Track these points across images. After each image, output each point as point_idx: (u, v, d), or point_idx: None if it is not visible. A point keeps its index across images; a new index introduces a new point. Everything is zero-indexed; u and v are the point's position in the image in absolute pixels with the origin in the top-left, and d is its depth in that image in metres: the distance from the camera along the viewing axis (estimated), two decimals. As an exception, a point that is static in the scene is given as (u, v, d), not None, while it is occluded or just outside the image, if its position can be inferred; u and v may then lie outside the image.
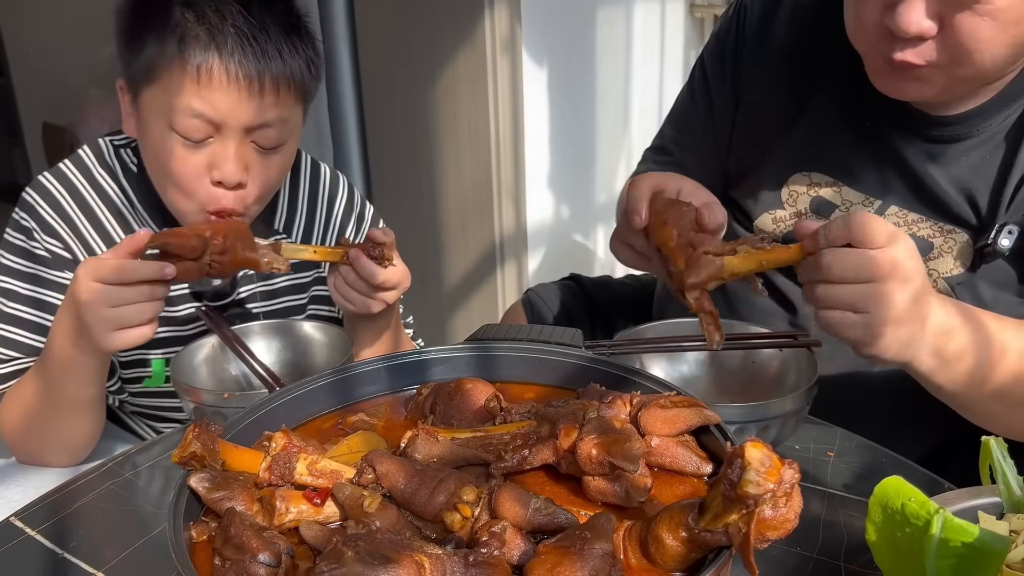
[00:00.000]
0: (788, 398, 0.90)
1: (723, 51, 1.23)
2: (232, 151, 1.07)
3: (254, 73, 1.05)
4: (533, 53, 2.25)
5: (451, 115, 2.38)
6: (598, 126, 2.47)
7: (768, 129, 1.17)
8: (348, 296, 1.11)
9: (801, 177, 1.15)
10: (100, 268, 0.98)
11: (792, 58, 1.15)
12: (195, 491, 0.67)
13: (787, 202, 1.16)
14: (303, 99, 1.14)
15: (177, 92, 1.05)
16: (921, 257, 0.85)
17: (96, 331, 0.99)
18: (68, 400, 1.08)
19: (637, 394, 0.76)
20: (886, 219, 1.07)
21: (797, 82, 1.15)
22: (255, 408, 0.80)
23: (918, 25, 0.90)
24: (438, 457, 0.73)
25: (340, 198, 1.33)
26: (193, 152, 1.08)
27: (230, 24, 1.05)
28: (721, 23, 1.27)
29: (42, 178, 1.18)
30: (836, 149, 1.12)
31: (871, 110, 1.08)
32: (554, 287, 1.46)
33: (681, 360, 1.04)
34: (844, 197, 1.12)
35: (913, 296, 0.82)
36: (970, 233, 1.04)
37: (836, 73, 1.09)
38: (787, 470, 0.56)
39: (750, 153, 1.19)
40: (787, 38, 1.16)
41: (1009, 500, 0.71)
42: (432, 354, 0.89)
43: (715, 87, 1.25)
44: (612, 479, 0.68)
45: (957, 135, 1.04)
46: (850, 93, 1.08)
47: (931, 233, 1.06)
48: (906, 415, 1.08)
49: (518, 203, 2.37)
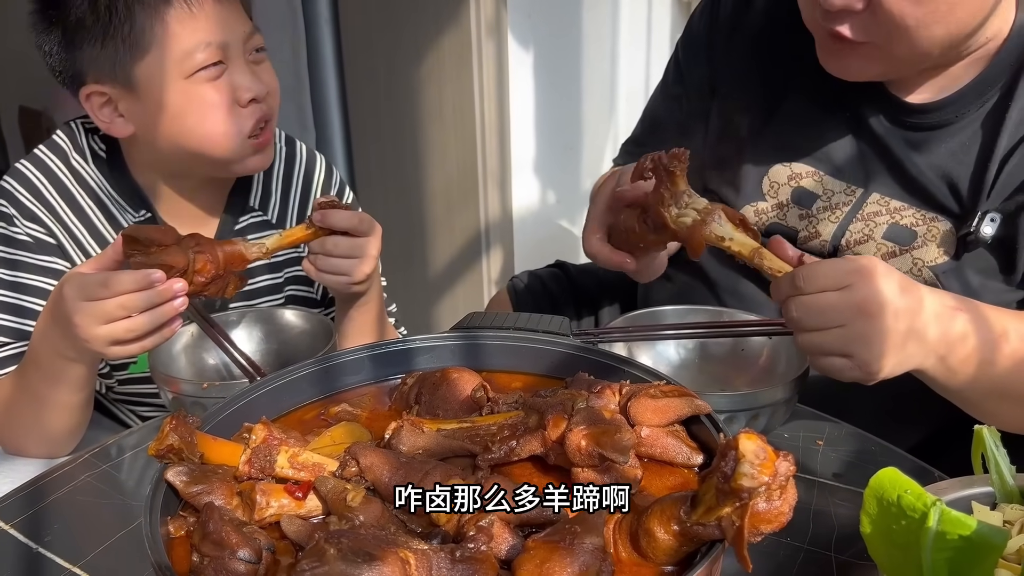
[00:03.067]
0: (778, 387, 0.89)
1: (697, 42, 1.23)
2: (245, 67, 1.11)
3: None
4: (519, 36, 2.23)
5: (436, 99, 2.35)
6: (584, 111, 2.46)
7: (746, 120, 1.16)
8: (331, 269, 1.08)
9: (781, 168, 1.13)
10: (86, 285, 0.94)
11: (768, 49, 1.15)
12: (172, 485, 0.65)
13: (768, 193, 1.14)
14: None
15: (175, 39, 1.06)
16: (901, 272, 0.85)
17: (94, 347, 0.95)
18: (56, 404, 1.06)
19: (626, 383, 0.75)
20: (869, 206, 1.08)
21: (774, 73, 1.14)
22: (235, 399, 0.78)
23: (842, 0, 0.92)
24: (423, 449, 0.71)
25: (317, 175, 1.31)
26: (217, 90, 1.09)
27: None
28: (693, 16, 1.26)
29: (19, 165, 1.17)
30: (816, 138, 1.11)
31: (850, 99, 1.08)
32: (540, 274, 1.46)
33: (669, 348, 1.03)
34: (825, 187, 1.11)
35: (891, 324, 0.82)
36: (952, 221, 1.03)
37: (813, 63, 1.08)
38: (782, 462, 0.54)
39: (728, 145, 1.18)
40: (762, 29, 1.16)
41: (1002, 490, 0.70)
42: (417, 343, 0.88)
43: (690, 78, 1.24)
44: (602, 471, 0.66)
45: (936, 122, 1.04)
46: (828, 82, 1.08)
47: (914, 221, 1.06)
48: (897, 404, 1.08)
49: (504, 189, 2.36)
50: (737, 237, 0.87)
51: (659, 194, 0.90)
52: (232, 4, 1.11)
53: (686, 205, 0.89)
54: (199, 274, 0.96)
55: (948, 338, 0.86)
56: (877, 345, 0.82)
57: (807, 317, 0.84)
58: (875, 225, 1.07)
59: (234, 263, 1.00)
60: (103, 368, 1.20)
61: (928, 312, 0.85)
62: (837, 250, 1.10)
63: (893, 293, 0.82)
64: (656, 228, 0.92)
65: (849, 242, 1.09)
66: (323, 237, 1.05)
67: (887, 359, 0.83)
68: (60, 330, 0.98)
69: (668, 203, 0.89)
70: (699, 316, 1.04)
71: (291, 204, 1.29)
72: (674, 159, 0.90)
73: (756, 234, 0.89)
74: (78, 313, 0.94)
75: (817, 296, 0.82)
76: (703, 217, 0.87)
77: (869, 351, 0.83)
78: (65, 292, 0.95)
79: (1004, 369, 0.89)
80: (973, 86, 1.02)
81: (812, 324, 0.84)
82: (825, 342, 0.84)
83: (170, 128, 1.10)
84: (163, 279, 0.93)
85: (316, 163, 1.32)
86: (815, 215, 1.11)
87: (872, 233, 1.07)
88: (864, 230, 1.08)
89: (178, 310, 0.95)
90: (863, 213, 1.08)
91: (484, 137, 2.29)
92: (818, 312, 0.83)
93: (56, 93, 3.52)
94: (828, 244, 1.10)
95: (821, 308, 0.82)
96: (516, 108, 2.28)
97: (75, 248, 1.17)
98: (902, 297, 0.83)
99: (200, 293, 0.98)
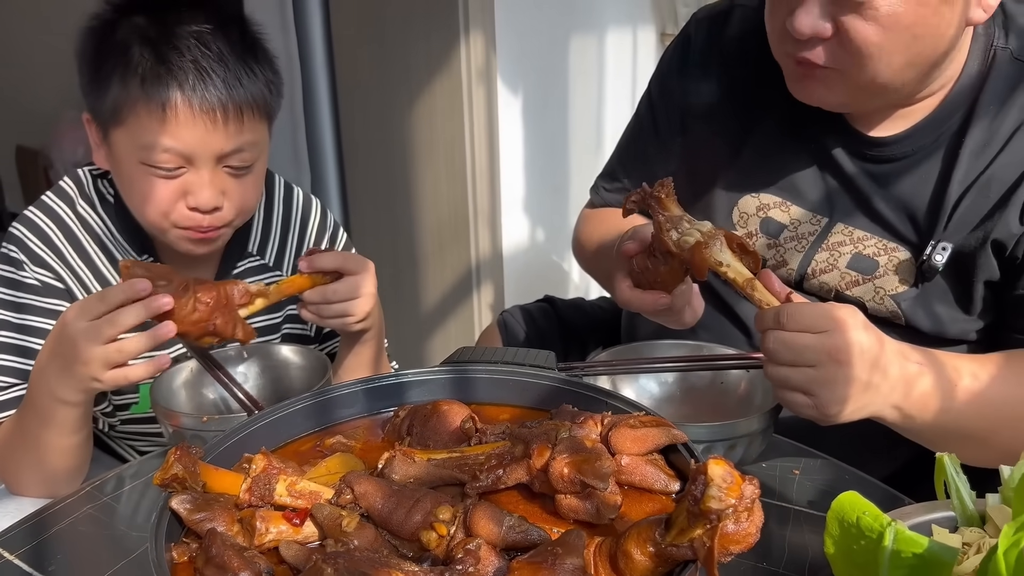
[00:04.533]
0: (754, 418, 0.93)
1: (669, 78, 1.28)
2: (206, 178, 1.10)
3: (217, 104, 1.07)
4: (508, 81, 2.29)
5: (428, 141, 2.41)
6: (571, 152, 2.52)
7: (716, 154, 1.21)
8: (332, 314, 1.11)
9: (750, 198, 1.18)
10: (86, 305, 0.98)
11: (737, 85, 1.20)
12: (176, 512, 0.69)
13: (738, 223, 1.19)
14: (268, 119, 1.17)
15: (145, 131, 1.07)
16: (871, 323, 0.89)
17: (92, 370, 0.98)
18: (51, 446, 1.07)
19: (608, 414, 0.79)
20: (833, 236, 1.12)
21: (742, 108, 1.19)
22: (235, 431, 0.82)
23: (812, 27, 0.97)
24: (415, 477, 0.75)
25: (313, 220, 1.35)
26: (167, 182, 1.10)
27: (189, 60, 1.07)
28: (666, 52, 1.31)
29: (28, 212, 1.20)
30: (783, 170, 1.16)
31: (815, 132, 1.13)
32: (528, 309, 1.49)
33: (652, 381, 1.06)
34: (792, 216, 1.15)
35: (857, 374, 0.87)
36: (911, 250, 1.08)
37: (779, 97, 1.13)
38: (747, 486, 0.58)
39: (699, 177, 1.22)
40: (731, 65, 1.21)
41: (963, 514, 0.74)
42: (409, 377, 0.91)
43: (661, 116, 1.29)
44: (583, 497, 0.70)
45: (895, 154, 1.09)
46: (793, 116, 1.13)
47: (876, 251, 1.10)
48: (873, 435, 1.12)
49: (494, 227, 2.40)
50: (734, 265, 0.91)
51: (657, 222, 0.95)
52: (215, 119, 1.08)
53: (688, 228, 0.93)
54: (199, 301, 0.99)
55: (904, 386, 0.91)
56: (840, 390, 0.87)
57: (782, 351, 0.88)
58: (839, 255, 1.12)
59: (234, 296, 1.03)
60: (106, 407, 1.23)
61: (888, 360, 0.89)
62: (804, 278, 1.14)
63: (863, 345, 0.87)
64: (664, 258, 0.96)
65: (815, 271, 1.13)
66: (321, 287, 1.08)
67: (846, 405, 0.88)
68: (59, 362, 1.00)
69: (667, 228, 0.94)
70: (680, 350, 1.07)
71: (288, 247, 1.33)
72: (659, 187, 0.96)
73: (757, 257, 0.93)
74: (79, 334, 0.97)
75: (796, 334, 0.87)
76: (706, 240, 0.91)
77: (831, 394, 0.87)
78: (67, 316, 0.99)
79: (960, 413, 0.93)
80: (929, 122, 1.07)
81: (785, 359, 0.88)
82: (792, 378, 0.88)
83: (120, 186, 1.16)
84: (148, 288, 0.97)
85: (312, 207, 1.36)
86: (783, 244, 1.16)
87: (836, 262, 1.12)
88: (829, 259, 1.12)
89: (168, 335, 0.97)
90: (828, 243, 1.12)
91: (475, 177, 2.34)
92: (793, 349, 0.87)
93: (53, 132, 3.57)
94: (795, 272, 1.14)
95: (797, 346, 0.87)
96: (505, 149, 2.33)
97: (81, 291, 1.20)
98: (871, 350, 0.87)
99: (204, 328, 1.00)
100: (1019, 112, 1.03)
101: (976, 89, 1.05)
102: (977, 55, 1.06)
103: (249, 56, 1.12)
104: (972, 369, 0.95)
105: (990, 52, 1.06)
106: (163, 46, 1.07)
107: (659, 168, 1.28)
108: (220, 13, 1.13)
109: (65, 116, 3.49)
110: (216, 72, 1.08)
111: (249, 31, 1.16)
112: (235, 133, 1.10)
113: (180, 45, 1.07)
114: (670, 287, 1.00)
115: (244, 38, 1.13)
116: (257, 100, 1.12)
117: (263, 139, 1.17)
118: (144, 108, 1.07)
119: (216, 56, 1.08)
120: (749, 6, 1.22)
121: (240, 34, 1.13)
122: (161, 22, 1.09)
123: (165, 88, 1.06)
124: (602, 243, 1.28)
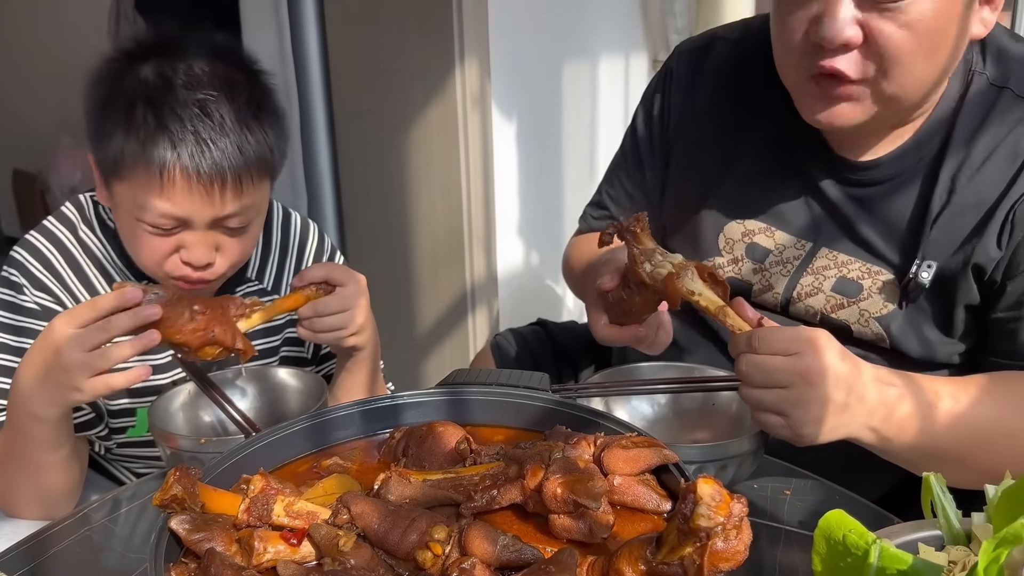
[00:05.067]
0: (744, 438, 0.94)
1: (652, 112, 1.30)
2: (201, 238, 1.11)
3: (216, 174, 1.07)
4: (502, 107, 2.32)
5: (424, 165, 2.43)
6: (565, 176, 2.55)
7: (700, 183, 1.23)
8: (325, 328, 1.12)
9: (735, 225, 1.20)
10: (74, 313, 0.99)
11: (719, 115, 1.22)
12: (176, 533, 0.70)
13: (724, 249, 1.20)
14: (269, 179, 1.18)
15: (142, 192, 1.08)
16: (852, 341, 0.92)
17: (74, 379, 0.98)
18: (38, 463, 1.08)
19: (600, 435, 0.80)
20: (818, 260, 1.13)
21: (725, 137, 1.21)
22: (232, 453, 0.83)
23: (843, 33, 0.95)
24: (410, 498, 0.76)
25: (310, 244, 1.37)
26: (162, 238, 1.11)
27: (190, 131, 1.06)
28: (650, 85, 1.34)
29: (29, 236, 1.21)
30: (767, 196, 1.18)
31: (798, 158, 1.15)
32: (522, 332, 1.50)
33: (644, 402, 1.08)
34: (777, 242, 1.17)
35: (829, 394, 0.88)
36: (894, 272, 1.10)
37: (761, 126, 1.15)
38: (736, 504, 0.60)
39: (685, 204, 1.25)
40: (713, 96, 1.23)
41: (949, 532, 0.75)
42: (404, 399, 0.93)
43: (645, 147, 1.31)
44: (576, 516, 0.71)
45: (877, 178, 1.11)
46: (777, 143, 1.15)
47: (860, 275, 1.11)
48: (863, 456, 1.13)
49: (489, 251, 2.42)
50: (706, 293, 0.94)
51: (632, 255, 0.97)
52: (211, 189, 1.07)
53: (660, 260, 0.96)
54: (195, 311, 1.00)
55: (882, 410, 0.92)
56: (813, 411, 0.89)
57: (754, 373, 0.90)
58: (824, 278, 1.13)
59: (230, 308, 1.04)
60: (102, 431, 1.23)
61: (865, 385, 0.91)
62: (790, 302, 1.16)
63: (836, 366, 0.89)
64: (638, 288, 0.98)
65: (800, 295, 1.15)
66: (313, 301, 1.10)
67: (820, 425, 0.89)
68: (41, 368, 0.99)
69: (641, 261, 0.96)
70: (672, 372, 1.09)
71: (286, 272, 1.34)
72: (634, 221, 0.98)
73: (725, 287, 0.95)
74: (64, 340, 0.97)
75: (767, 357, 0.89)
76: (677, 271, 0.94)
77: (804, 415, 0.89)
78: (55, 323, 0.99)
79: (938, 435, 0.95)
80: (911, 145, 1.09)
81: (758, 381, 0.90)
82: (766, 399, 0.90)
83: (119, 228, 1.17)
84: (139, 297, 0.98)
85: (309, 231, 1.38)
86: (768, 269, 1.17)
87: (821, 286, 1.13)
88: (814, 283, 1.14)
89: (152, 342, 0.98)
90: (813, 267, 1.14)
91: (470, 202, 2.36)
92: (765, 371, 0.89)
93: (51, 157, 3.59)
94: (781, 297, 1.16)
95: (768, 368, 0.89)
96: (500, 174, 2.36)
97: None
98: (843, 371, 0.89)
99: (203, 338, 1.01)
100: (993, 138, 1.05)
101: (954, 113, 1.07)
102: (956, 80, 1.08)
103: (253, 121, 1.12)
104: (951, 391, 0.96)
105: (968, 77, 1.08)
106: (166, 110, 1.07)
107: (644, 197, 1.31)
108: (228, 76, 1.12)
109: (62, 141, 3.51)
110: (217, 143, 1.07)
111: (257, 91, 1.15)
112: (232, 199, 1.10)
113: (183, 113, 1.07)
114: (644, 316, 1.03)
115: (250, 103, 1.12)
116: (259, 165, 1.12)
117: (263, 198, 1.17)
118: (143, 170, 1.07)
119: (218, 126, 1.08)
120: (729, 39, 1.25)
121: (247, 100, 1.12)
122: (168, 83, 1.09)
123: (164, 154, 1.06)
124: (589, 263, 1.30)
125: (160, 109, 1.07)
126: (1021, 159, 1.03)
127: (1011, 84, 1.06)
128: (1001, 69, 1.08)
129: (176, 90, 1.08)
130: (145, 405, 1.23)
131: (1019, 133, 1.04)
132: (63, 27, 3.59)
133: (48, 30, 3.68)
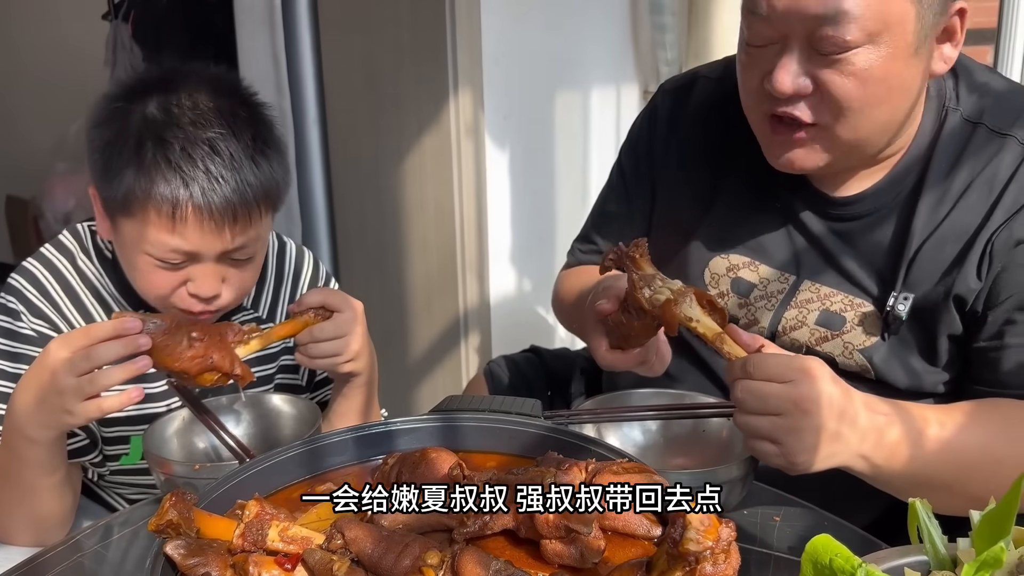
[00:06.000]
0: (734, 465, 0.95)
1: (638, 148, 1.33)
2: (209, 271, 1.13)
3: (226, 210, 1.09)
4: (495, 136, 2.34)
5: (418, 194, 2.45)
6: (558, 205, 2.57)
7: (685, 218, 1.25)
8: (321, 354, 1.13)
9: (720, 260, 1.22)
10: (69, 339, 1.00)
11: (702, 151, 1.25)
12: (171, 558, 0.70)
13: (709, 284, 1.22)
14: (273, 211, 1.20)
15: (153, 230, 1.10)
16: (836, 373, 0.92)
17: (66, 402, 0.99)
18: (28, 488, 1.08)
19: (592, 461, 0.81)
20: (801, 293, 1.15)
21: (709, 173, 1.24)
22: (227, 478, 0.83)
23: (792, 84, 1.00)
24: (404, 523, 0.77)
25: (305, 272, 1.38)
26: (169, 272, 1.12)
27: (202, 170, 1.08)
28: (635, 122, 1.37)
29: (27, 264, 1.22)
30: (750, 231, 1.20)
31: (780, 193, 1.17)
32: (514, 358, 1.51)
33: (636, 428, 1.09)
34: (761, 275, 1.19)
35: (823, 423, 0.89)
36: (875, 304, 1.11)
37: (745, 161, 1.17)
38: (724, 528, 0.61)
39: (670, 240, 1.26)
40: (697, 132, 1.26)
41: (935, 558, 0.76)
42: (397, 425, 0.94)
43: (631, 183, 1.34)
44: (568, 541, 0.72)
45: (859, 213, 1.13)
46: (760, 178, 1.17)
47: (843, 307, 1.13)
48: (853, 483, 1.14)
49: (482, 278, 2.44)
50: (704, 320, 0.95)
51: (631, 281, 0.99)
52: (222, 223, 1.09)
53: (660, 286, 0.97)
54: (193, 338, 1.00)
55: (873, 435, 0.93)
56: (807, 439, 0.89)
57: (749, 399, 0.91)
58: (808, 311, 1.15)
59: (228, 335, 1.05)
60: (95, 457, 1.23)
61: (856, 410, 0.92)
62: (775, 336, 1.17)
63: (830, 396, 0.90)
64: (637, 314, 0.99)
65: (785, 328, 1.16)
66: (310, 327, 1.12)
67: (813, 454, 0.90)
68: (35, 392, 1.00)
69: (640, 286, 0.98)
70: (663, 399, 1.10)
71: (281, 300, 1.35)
72: (634, 247, 1.00)
73: (724, 313, 0.96)
74: (58, 364, 0.98)
75: (762, 384, 0.90)
76: (676, 297, 0.95)
77: (798, 443, 0.90)
78: (50, 346, 1.00)
79: (928, 462, 0.96)
80: (888, 181, 1.12)
81: (752, 407, 0.91)
82: (760, 426, 0.91)
83: (122, 261, 1.18)
84: (138, 327, 0.99)
85: (304, 259, 1.39)
86: (753, 303, 1.19)
87: (805, 319, 1.15)
88: (798, 316, 1.15)
89: (144, 368, 0.99)
90: (796, 300, 1.16)
91: (463, 230, 2.38)
92: (760, 398, 0.90)
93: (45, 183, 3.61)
94: (766, 331, 1.17)
95: (763, 395, 0.90)
96: (493, 203, 2.38)
97: None
98: (836, 398, 0.90)
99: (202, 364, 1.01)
100: (968, 172, 1.07)
101: (930, 149, 1.10)
102: (931, 116, 1.11)
103: (259, 155, 1.14)
104: (938, 419, 0.97)
105: (942, 113, 1.11)
106: (176, 148, 1.09)
107: (631, 232, 1.32)
108: (232, 111, 1.13)
109: (56, 167, 3.53)
110: (227, 179, 1.09)
111: (261, 125, 1.17)
112: (241, 232, 1.12)
113: (193, 152, 1.09)
114: (643, 341, 1.04)
115: (256, 138, 1.14)
116: (266, 197, 1.14)
117: (267, 229, 1.20)
118: (154, 209, 1.08)
119: (228, 163, 1.10)
120: (711, 77, 1.28)
121: (252, 135, 1.14)
122: (175, 120, 1.10)
123: (176, 192, 1.08)
124: (581, 293, 1.31)
125: (170, 148, 1.09)
126: (998, 190, 1.06)
127: (985, 119, 1.09)
128: (975, 104, 1.10)
129: (184, 128, 1.10)
130: (139, 433, 1.23)
131: (995, 166, 1.06)
132: (58, 54, 3.62)
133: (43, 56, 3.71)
